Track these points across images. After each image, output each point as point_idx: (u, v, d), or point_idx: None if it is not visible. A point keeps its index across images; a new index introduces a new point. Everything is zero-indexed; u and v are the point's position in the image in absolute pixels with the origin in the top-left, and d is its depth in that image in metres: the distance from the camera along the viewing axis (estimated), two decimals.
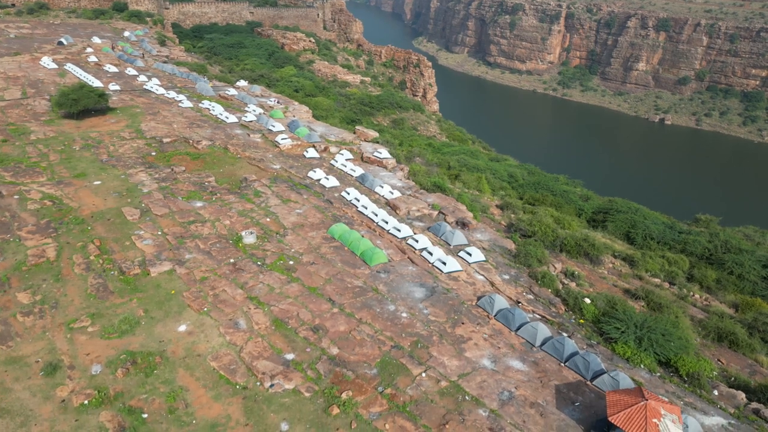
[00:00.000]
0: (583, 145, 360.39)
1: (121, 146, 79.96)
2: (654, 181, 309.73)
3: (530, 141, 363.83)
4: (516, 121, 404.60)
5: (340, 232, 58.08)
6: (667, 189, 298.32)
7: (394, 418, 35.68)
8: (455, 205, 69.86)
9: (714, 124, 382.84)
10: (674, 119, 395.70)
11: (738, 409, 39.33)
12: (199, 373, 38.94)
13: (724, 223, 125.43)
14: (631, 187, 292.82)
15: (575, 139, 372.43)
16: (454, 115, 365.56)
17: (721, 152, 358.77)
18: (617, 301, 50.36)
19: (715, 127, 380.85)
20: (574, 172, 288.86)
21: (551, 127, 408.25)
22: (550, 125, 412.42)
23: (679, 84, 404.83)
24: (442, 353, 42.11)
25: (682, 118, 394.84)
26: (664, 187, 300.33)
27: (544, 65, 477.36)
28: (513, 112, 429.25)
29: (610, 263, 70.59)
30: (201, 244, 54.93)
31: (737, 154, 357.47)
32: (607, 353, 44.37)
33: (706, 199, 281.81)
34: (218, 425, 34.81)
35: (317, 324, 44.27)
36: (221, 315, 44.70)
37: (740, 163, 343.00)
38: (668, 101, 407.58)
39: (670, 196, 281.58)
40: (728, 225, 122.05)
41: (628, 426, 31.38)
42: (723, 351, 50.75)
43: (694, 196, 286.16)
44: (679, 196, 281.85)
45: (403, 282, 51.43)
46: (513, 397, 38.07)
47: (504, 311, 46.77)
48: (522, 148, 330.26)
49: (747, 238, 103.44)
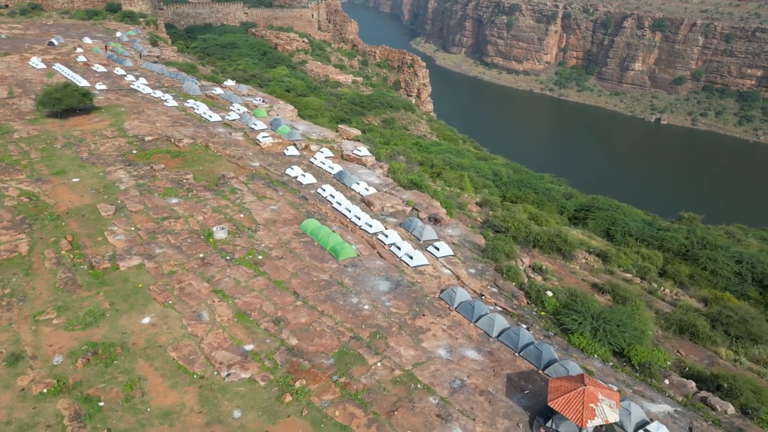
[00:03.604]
0: (580, 145, 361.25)
1: (102, 144, 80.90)
2: (651, 180, 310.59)
3: (527, 141, 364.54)
4: (512, 122, 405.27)
5: (311, 228, 58.95)
6: (664, 189, 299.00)
7: (345, 406, 36.52)
8: (429, 201, 70.69)
9: (710, 123, 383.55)
10: (670, 119, 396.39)
11: (686, 397, 40.14)
12: (159, 364, 39.79)
13: (717, 221, 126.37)
14: (628, 186, 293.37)
15: (572, 139, 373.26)
16: (451, 115, 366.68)
17: (717, 152, 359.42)
18: (579, 294, 51.12)
19: (710, 127, 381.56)
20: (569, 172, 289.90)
21: (548, 127, 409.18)
22: (547, 125, 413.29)
23: (675, 84, 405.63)
24: (400, 344, 42.95)
25: (678, 118, 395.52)
26: (662, 187, 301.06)
27: (541, 65, 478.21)
28: (510, 112, 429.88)
29: (583, 259, 71.41)
30: (172, 240, 55.80)
31: (733, 153, 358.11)
32: (563, 344, 45.20)
33: (702, 199, 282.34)
34: (172, 413, 35.65)
35: (279, 316, 45.13)
36: (185, 307, 45.57)
37: (736, 162, 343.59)
38: (664, 101, 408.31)
39: (667, 195, 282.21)
40: (722, 223, 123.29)
41: (566, 410, 32.20)
42: (683, 343, 51.55)
43: (690, 195, 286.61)
44: (674, 196, 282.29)
45: (369, 276, 52.28)
46: (464, 386, 38.89)
47: (464, 303, 47.60)
48: (518, 148, 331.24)
49: (729, 235, 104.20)
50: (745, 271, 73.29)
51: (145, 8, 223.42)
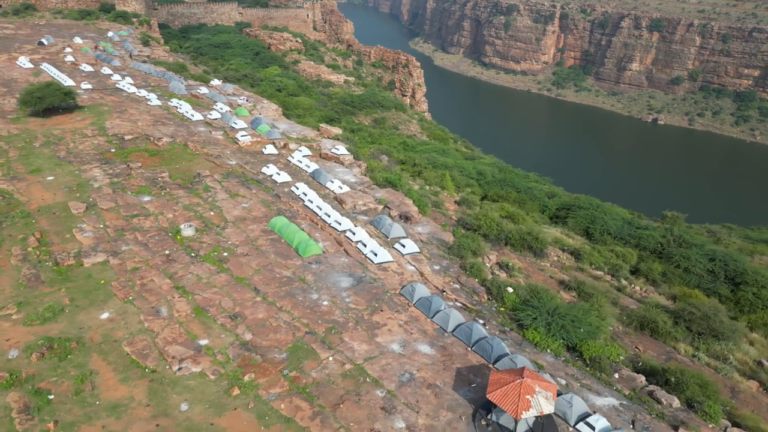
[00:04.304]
0: (577, 146, 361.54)
1: (81, 143, 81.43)
2: (648, 180, 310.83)
3: (524, 141, 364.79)
4: (510, 122, 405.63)
5: (279, 225, 59.45)
6: (660, 189, 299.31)
7: (291, 399, 37.02)
8: (402, 199, 71.16)
9: (706, 123, 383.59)
10: (667, 119, 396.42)
11: (634, 391, 40.58)
12: (112, 358, 40.30)
13: (713, 221, 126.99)
14: (624, 186, 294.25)
15: (569, 139, 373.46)
16: (449, 116, 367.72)
17: (714, 152, 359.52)
18: (540, 290, 51.50)
19: (707, 127, 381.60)
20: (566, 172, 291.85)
21: (545, 127, 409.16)
22: (544, 126, 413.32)
23: (672, 84, 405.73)
24: (354, 338, 43.43)
25: (675, 118, 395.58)
26: (658, 187, 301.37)
27: (539, 65, 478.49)
28: (507, 112, 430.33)
29: (556, 256, 71.86)
30: (140, 237, 56.33)
31: (730, 153, 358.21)
32: (518, 339, 45.66)
33: (698, 199, 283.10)
34: (120, 406, 36.15)
35: (237, 312, 45.64)
36: (144, 303, 46.09)
37: (733, 162, 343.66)
38: (661, 101, 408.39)
39: (664, 195, 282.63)
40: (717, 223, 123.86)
41: (503, 402, 32.66)
42: (644, 339, 51.99)
43: (686, 195, 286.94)
44: (670, 196, 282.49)
45: (333, 272, 52.77)
46: (413, 379, 39.37)
47: (423, 299, 48.07)
48: (515, 149, 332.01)
49: (711, 234, 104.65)
50: (717, 269, 73.66)
51: (139, 8, 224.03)
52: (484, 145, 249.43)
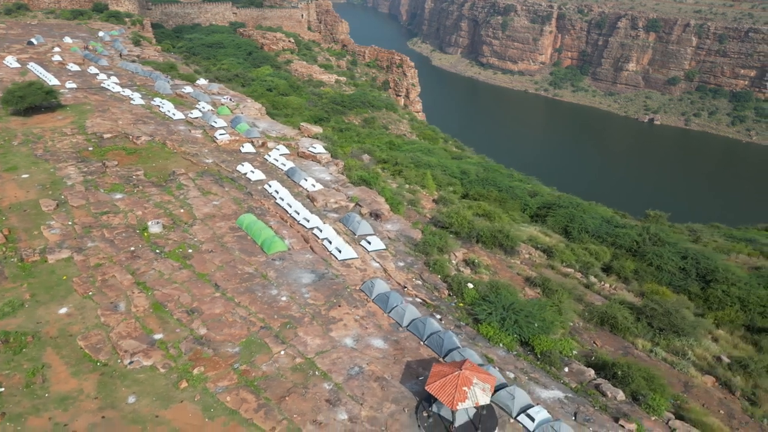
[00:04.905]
0: (573, 146, 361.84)
1: (60, 141, 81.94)
2: (644, 180, 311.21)
3: (521, 141, 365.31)
4: (507, 122, 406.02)
5: (246, 222, 59.94)
6: (656, 188, 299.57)
7: (238, 391, 37.53)
8: (374, 197, 71.59)
9: (703, 124, 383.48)
10: (663, 119, 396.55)
11: (581, 384, 41.02)
12: (66, 352, 40.82)
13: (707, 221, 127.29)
14: (621, 186, 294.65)
15: (566, 139, 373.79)
16: (445, 116, 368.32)
17: (710, 152, 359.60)
18: (500, 286, 51.93)
19: (703, 127, 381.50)
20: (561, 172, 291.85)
21: (542, 127, 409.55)
22: (541, 126, 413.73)
23: (669, 84, 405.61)
24: (308, 333, 43.92)
25: (672, 118, 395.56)
26: (654, 187, 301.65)
27: (536, 65, 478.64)
28: (505, 112, 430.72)
29: (527, 254, 72.29)
30: (107, 233, 56.83)
31: (726, 153, 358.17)
32: (472, 333, 46.14)
33: (694, 199, 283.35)
34: (69, 398, 36.66)
35: (194, 307, 46.14)
36: (104, 298, 46.61)
37: (728, 162, 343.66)
38: (658, 101, 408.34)
39: (659, 195, 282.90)
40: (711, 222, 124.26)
41: (440, 393, 33.13)
42: (603, 334, 52.47)
43: (680, 195, 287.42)
44: (665, 196, 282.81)
45: (295, 269, 53.25)
46: (362, 372, 39.86)
47: (381, 295, 48.54)
48: (512, 149, 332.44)
49: (692, 233, 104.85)
50: (689, 267, 74.05)
51: (132, 8, 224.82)
52: (481, 146, 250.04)
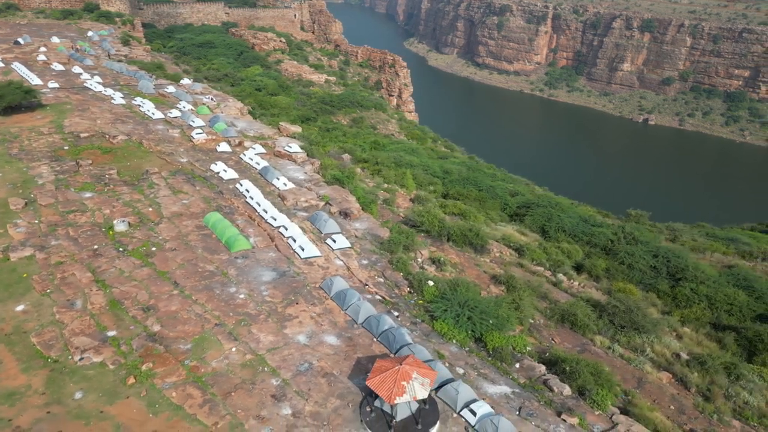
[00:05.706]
0: (568, 146, 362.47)
1: (36, 141, 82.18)
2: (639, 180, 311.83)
3: (516, 141, 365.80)
4: (502, 122, 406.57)
5: (212, 221, 60.18)
6: (650, 188, 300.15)
7: (185, 387, 37.78)
8: (345, 196, 71.86)
9: (697, 124, 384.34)
10: (658, 119, 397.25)
11: (530, 380, 41.32)
12: (19, 348, 41.05)
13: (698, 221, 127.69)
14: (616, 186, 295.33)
15: (561, 140, 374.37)
16: (441, 116, 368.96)
17: (704, 152, 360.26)
18: (459, 283, 52.23)
19: (697, 127, 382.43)
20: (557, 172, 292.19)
21: (537, 127, 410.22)
22: (536, 126, 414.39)
23: (663, 84, 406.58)
24: (262, 330, 44.18)
25: (666, 119, 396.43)
26: (649, 187, 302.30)
27: (531, 66, 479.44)
28: (499, 112, 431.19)
29: (498, 252, 72.59)
30: (72, 232, 57.06)
31: (720, 153, 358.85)
32: (427, 330, 46.39)
33: (688, 199, 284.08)
34: (16, 394, 36.90)
35: (151, 304, 46.39)
36: (61, 296, 46.84)
37: (722, 162, 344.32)
38: (652, 101, 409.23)
39: (654, 195, 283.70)
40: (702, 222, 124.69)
41: (379, 388, 33.38)
42: (563, 331, 52.76)
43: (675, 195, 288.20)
44: (660, 196, 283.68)
45: (257, 267, 53.51)
46: (311, 369, 40.13)
47: (340, 292, 48.79)
48: (507, 149, 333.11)
49: (671, 232, 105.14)
50: (660, 265, 74.43)
51: (123, 8, 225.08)
52: (477, 146, 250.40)
